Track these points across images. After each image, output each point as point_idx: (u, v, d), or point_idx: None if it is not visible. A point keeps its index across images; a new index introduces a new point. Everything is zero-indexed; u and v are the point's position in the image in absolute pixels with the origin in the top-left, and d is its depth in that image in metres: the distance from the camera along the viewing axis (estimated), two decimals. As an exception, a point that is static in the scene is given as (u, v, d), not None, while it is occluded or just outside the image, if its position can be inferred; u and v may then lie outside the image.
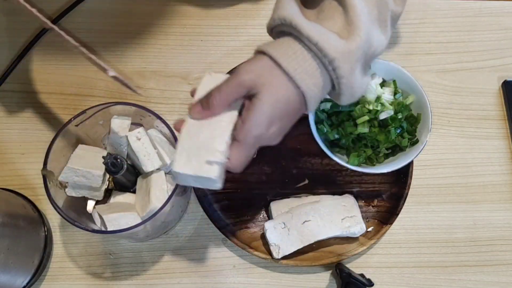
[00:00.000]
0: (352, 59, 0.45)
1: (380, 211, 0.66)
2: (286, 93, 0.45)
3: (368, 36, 0.46)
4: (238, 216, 0.66)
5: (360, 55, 0.46)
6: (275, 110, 0.45)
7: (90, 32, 0.75)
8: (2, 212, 0.56)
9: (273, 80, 0.45)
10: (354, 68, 0.46)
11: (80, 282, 0.63)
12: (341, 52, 0.44)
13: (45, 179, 0.53)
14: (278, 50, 0.45)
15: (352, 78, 0.46)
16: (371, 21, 0.47)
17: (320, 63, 0.45)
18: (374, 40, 0.47)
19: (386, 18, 0.49)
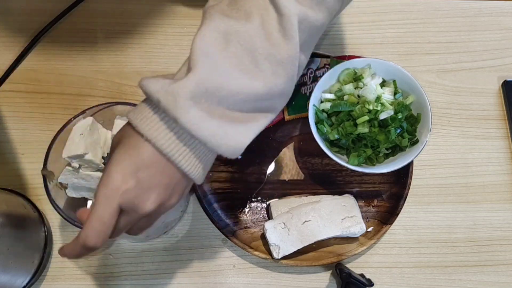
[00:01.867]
0: (181, 97, 0.39)
1: (380, 211, 0.66)
2: (137, 145, 0.42)
3: (208, 76, 0.40)
4: (238, 216, 0.66)
5: (195, 94, 0.39)
6: (127, 159, 0.42)
7: (90, 32, 0.75)
8: (2, 212, 0.56)
9: (127, 133, 0.43)
10: (187, 107, 0.39)
11: (80, 282, 0.63)
12: (165, 91, 0.39)
13: (45, 179, 0.53)
14: (133, 114, 0.43)
15: (186, 116, 0.39)
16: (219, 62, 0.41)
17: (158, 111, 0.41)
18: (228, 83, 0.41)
19: (257, 60, 0.43)
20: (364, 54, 0.74)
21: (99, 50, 0.74)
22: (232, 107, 0.42)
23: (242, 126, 0.43)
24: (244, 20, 0.42)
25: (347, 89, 0.63)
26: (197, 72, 0.40)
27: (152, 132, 0.40)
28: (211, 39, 0.42)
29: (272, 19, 0.43)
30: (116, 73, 0.72)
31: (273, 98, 0.44)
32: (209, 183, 0.67)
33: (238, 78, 0.41)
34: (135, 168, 0.41)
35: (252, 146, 0.69)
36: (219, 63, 0.41)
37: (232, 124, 0.42)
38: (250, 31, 0.42)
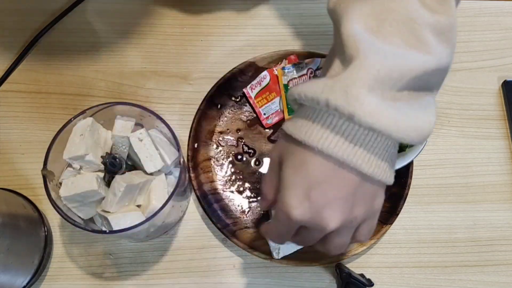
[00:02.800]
0: (351, 88, 0.36)
1: (380, 211, 0.66)
2: (305, 161, 0.39)
3: (374, 61, 0.37)
4: (238, 216, 0.66)
5: (366, 82, 0.36)
6: (297, 180, 0.40)
7: (90, 32, 0.75)
8: (2, 212, 0.56)
9: (290, 150, 0.41)
10: (361, 97, 0.36)
11: (80, 282, 0.63)
12: (327, 88, 0.37)
13: (45, 179, 0.53)
14: (294, 128, 0.40)
15: (362, 108, 0.36)
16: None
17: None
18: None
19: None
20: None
21: (99, 50, 0.74)
22: (404, 87, 0.37)
23: (421, 109, 0.38)
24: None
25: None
26: (360, 60, 0.36)
27: (317, 140, 0.37)
28: (361, 25, 0.38)
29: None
30: (116, 73, 0.72)
31: (441, 72, 0.40)
32: (209, 183, 0.67)
33: (405, 56, 0.37)
34: (307, 187, 0.38)
35: (253, 146, 0.69)
36: (379, 45, 0.37)
37: (411, 107, 0.37)
38: (404, 4, 0.38)
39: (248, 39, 0.75)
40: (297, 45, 0.75)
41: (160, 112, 0.57)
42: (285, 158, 0.40)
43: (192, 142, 0.67)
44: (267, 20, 0.76)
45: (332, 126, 0.37)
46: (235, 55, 0.73)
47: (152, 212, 0.54)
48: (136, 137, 0.56)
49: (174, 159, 0.58)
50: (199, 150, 0.68)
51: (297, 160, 0.38)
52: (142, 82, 0.72)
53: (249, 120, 0.70)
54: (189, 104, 0.71)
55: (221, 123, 0.70)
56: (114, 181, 0.54)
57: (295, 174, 0.38)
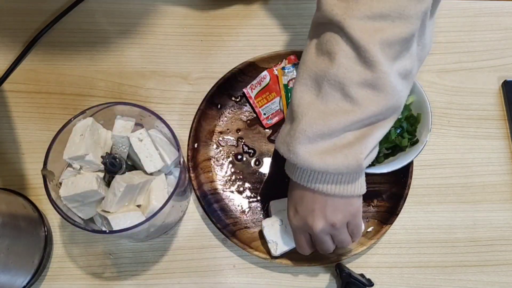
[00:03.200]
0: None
1: (380, 211, 0.66)
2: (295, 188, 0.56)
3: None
4: (238, 216, 0.66)
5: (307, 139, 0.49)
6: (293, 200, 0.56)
7: (90, 32, 0.75)
8: (2, 212, 0.56)
9: (303, 200, 0.55)
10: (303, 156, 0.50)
11: (80, 282, 0.63)
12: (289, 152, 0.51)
13: (45, 179, 0.53)
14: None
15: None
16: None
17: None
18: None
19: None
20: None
21: (99, 50, 0.74)
22: (338, 133, 0.49)
23: (356, 144, 0.49)
24: (328, 62, 0.48)
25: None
26: (300, 123, 0.49)
27: (298, 178, 0.52)
28: (305, 90, 0.50)
29: (350, 53, 0.47)
30: (116, 73, 0.72)
31: (378, 115, 0.49)
32: (209, 183, 0.67)
33: (336, 115, 0.48)
34: (294, 205, 0.55)
35: (253, 146, 0.69)
36: (317, 108, 0.49)
37: (342, 150, 0.49)
38: (334, 71, 0.48)
39: (248, 39, 0.75)
40: (297, 45, 0.75)
41: (160, 112, 0.57)
42: (302, 206, 0.54)
43: (192, 142, 0.67)
44: (267, 20, 0.76)
45: (298, 170, 0.53)
46: (235, 55, 0.73)
47: (152, 212, 0.54)
48: (136, 137, 0.56)
49: (174, 159, 0.58)
50: (199, 150, 0.68)
51: (292, 191, 0.56)
52: (142, 82, 0.72)
53: (249, 120, 0.70)
54: (189, 104, 0.71)
55: (221, 123, 0.70)
56: (114, 181, 0.54)
57: (289, 199, 0.57)
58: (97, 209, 0.56)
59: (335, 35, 0.48)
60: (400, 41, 0.48)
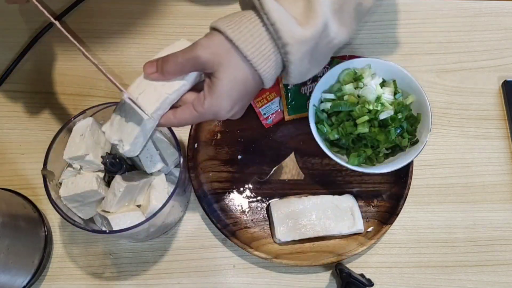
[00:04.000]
0: (304, 48, 0.45)
1: (380, 211, 0.66)
2: (244, 75, 0.46)
3: (326, 26, 0.46)
4: (238, 216, 0.66)
5: (313, 44, 0.46)
6: (235, 91, 0.47)
7: (90, 32, 0.75)
8: (2, 212, 0.56)
9: (231, 60, 0.46)
10: (304, 57, 0.46)
11: (80, 282, 0.63)
12: (296, 39, 0.44)
13: (45, 179, 0.53)
14: (236, 30, 0.46)
15: (302, 66, 0.47)
16: (332, 11, 0.46)
17: (275, 45, 0.46)
18: (331, 31, 0.47)
19: (350, 10, 0.48)
20: (364, 54, 0.74)
21: (99, 50, 0.74)
22: (321, 50, 0.47)
23: (315, 68, 0.49)
24: None
25: (347, 89, 0.63)
26: (318, 23, 0.45)
27: (254, 55, 0.45)
28: None
29: None
30: (116, 73, 0.72)
31: (338, 46, 0.48)
32: (209, 183, 0.67)
33: (339, 27, 0.46)
34: (241, 97, 0.48)
35: (252, 146, 0.69)
36: (328, 11, 0.45)
37: (313, 67, 0.48)
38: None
39: (248, 39, 0.75)
40: (297, 45, 0.75)
41: (160, 112, 0.57)
42: (223, 69, 0.46)
43: (192, 142, 0.67)
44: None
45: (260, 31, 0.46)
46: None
47: (152, 212, 0.54)
48: None
49: (174, 159, 0.58)
50: (199, 150, 0.68)
51: (237, 75, 0.47)
52: (142, 82, 0.72)
53: (249, 120, 0.70)
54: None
55: (221, 123, 0.70)
56: (114, 181, 0.54)
57: (232, 88, 0.47)
58: (97, 209, 0.56)
59: None
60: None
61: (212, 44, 0.46)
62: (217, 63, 0.46)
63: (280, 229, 0.63)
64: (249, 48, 0.45)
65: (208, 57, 0.46)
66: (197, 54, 0.46)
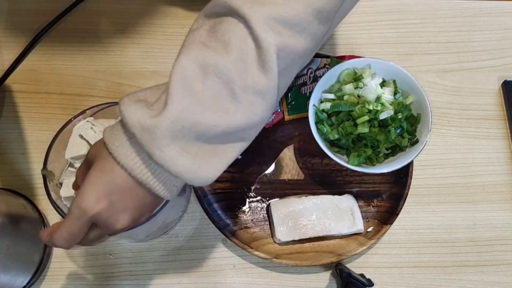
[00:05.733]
0: (157, 135, 0.39)
1: (380, 211, 0.66)
2: (110, 166, 0.42)
3: (184, 113, 0.40)
4: (238, 216, 0.66)
5: (171, 132, 0.40)
6: (102, 182, 0.43)
7: (90, 32, 0.75)
8: (2, 212, 0.56)
9: (102, 153, 0.43)
10: (162, 145, 0.40)
11: (80, 282, 0.63)
12: (141, 126, 0.40)
13: (45, 179, 0.53)
14: (109, 132, 0.43)
15: (161, 154, 0.40)
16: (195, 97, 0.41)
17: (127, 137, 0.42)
18: (204, 119, 0.41)
19: (237, 89, 0.42)
20: (364, 54, 0.74)
21: (99, 50, 0.74)
22: (210, 140, 0.42)
23: (217, 159, 0.43)
24: (223, 52, 0.42)
25: (347, 89, 0.63)
26: (174, 108, 0.40)
27: (127, 161, 0.41)
28: (189, 71, 0.41)
29: (251, 51, 0.42)
30: (116, 73, 0.72)
31: (252, 127, 0.45)
32: (209, 183, 0.67)
33: (216, 112, 0.41)
34: (109, 191, 0.42)
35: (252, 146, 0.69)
36: (196, 97, 0.41)
37: (206, 158, 0.42)
38: (228, 64, 0.41)
39: (248, 39, 0.75)
40: (297, 45, 0.75)
41: (160, 112, 0.57)
42: (97, 160, 0.44)
43: (192, 142, 0.67)
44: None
45: (139, 153, 0.42)
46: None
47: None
48: None
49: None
50: (199, 150, 0.67)
51: (106, 166, 0.43)
52: (142, 82, 0.72)
53: (249, 120, 0.70)
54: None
55: (221, 123, 0.70)
56: None
57: (101, 176, 0.43)
58: None
59: (236, 25, 0.42)
60: (295, 55, 0.44)
61: (98, 142, 0.45)
62: (95, 156, 0.44)
63: (280, 229, 0.63)
64: (112, 142, 0.42)
65: (91, 150, 0.45)
66: (87, 153, 0.46)
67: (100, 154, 0.43)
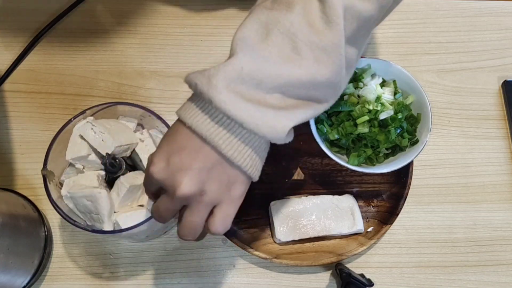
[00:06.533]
0: (215, 78, 0.40)
1: (380, 211, 0.66)
2: (175, 126, 0.44)
3: (245, 63, 0.40)
4: (238, 216, 0.65)
5: (230, 77, 0.40)
6: (165, 142, 0.43)
7: (90, 32, 0.75)
8: (2, 212, 0.56)
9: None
10: (218, 87, 0.39)
11: (80, 282, 0.63)
12: (201, 75, 0.41)
13: (45, 179, 0.53)
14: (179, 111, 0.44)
15: (219, 97, 0.39)
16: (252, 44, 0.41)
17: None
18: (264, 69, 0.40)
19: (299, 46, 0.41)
20: (364, 54, 0.74)
21: (99, 50, 0.74)
22: (272, 91, 0.41)
23: (283, 111, 0.42)
24: (285, 10, 0.42)
25: (347, 89, 0.63)
26: (235, 58, 0.40)
27: (189, 116, 0.41)
28: (252, 30, 0.42)
29: (315, 7, 0.42)
30: (116, 73, 0.72)
31: (318, 87, 0.43)
32: (209, 183, 0.67)
33: (278, 64, 0.41)
34: (170, 152, 0.42)
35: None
36: (258, 50, 0.41)
37: (270, 109, 0.41)
38: (290, 19, 0.41)
39: (248, 39, 0.75)
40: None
41: (160, 112, 0.57)
42: (168, 131, 0.44)
43: (192, 142, 0.67)
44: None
45: (203, 108, 0.41)
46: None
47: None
48: (138, 138, 0.57)
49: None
50: (199, 150, 0.67)
51: (172, 131, 0.43)
52: (142, 82, 0.72)
53: (249, 120, 0.70)
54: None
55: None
56: (117, 182, 0.54)
57: (166, 140, 0.43)
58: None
59: None
60: (361, 19, 0.43)
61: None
62: None
63: (280, 229, 0.63)
64: (178, 111, 0.43)
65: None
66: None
67: (171, 128, 0.44)
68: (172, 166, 0.41)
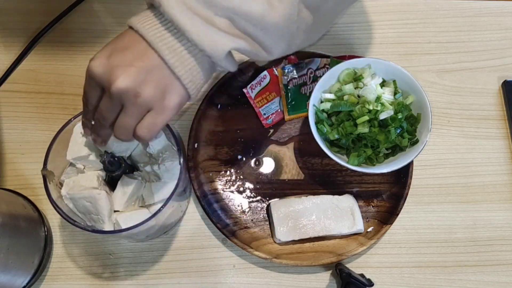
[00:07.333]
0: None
1: (380, 211, 0.66)
2: (122, 34, 0.45)
3: None
4: (238, 216, 0.66)
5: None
6: (109, 45, 0.44)
7: (90, 32, 0.75)
8: (2, 212, 0.56)
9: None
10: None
11: (80, 282, 0.63)
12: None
13: (45, 179, 0.53)
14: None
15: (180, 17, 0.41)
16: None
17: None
18: None
19: None
20: (364, 54, 0.74)
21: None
22: (220, 13, 0.42)
23: (227, 34, 0.42)
24: None
25: (347, 89, 0.63)
26: None
27: (137, 21, 0.43)
28: None
29: None
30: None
31: (267, 30, 0.43)
32: (209, 183, 0.67)
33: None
34: (113, 50, 0.43)
35: (252, 146, 0.69)
36: None
37: (216, 28, 0.42)
38: None
39: (248, 39, 0.75)
40: (297, 45, 0.75)
41: (160, 112, 0.57)
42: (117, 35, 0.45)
43: (192, 142, 0.67)
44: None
45: (152, 16, 0.43)
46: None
47: (152, 212, 0.54)
48: None
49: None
50: (199, 150, 0.68)
51: (120, 35, 0.44)
52: (142, 82, 0.72)
53: (248, 120, 0.70)
54: (189, 104, 0.71)
55: (221, 123, 0.70)
56: (121, 181, 0.55)
57: (112, 41, 0.44)
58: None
59: None
60: None
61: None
62: None
63: (280, 229, 0.63)
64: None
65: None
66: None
67: (120, 49, 0.43)
68: (112, 62, 0.42)
